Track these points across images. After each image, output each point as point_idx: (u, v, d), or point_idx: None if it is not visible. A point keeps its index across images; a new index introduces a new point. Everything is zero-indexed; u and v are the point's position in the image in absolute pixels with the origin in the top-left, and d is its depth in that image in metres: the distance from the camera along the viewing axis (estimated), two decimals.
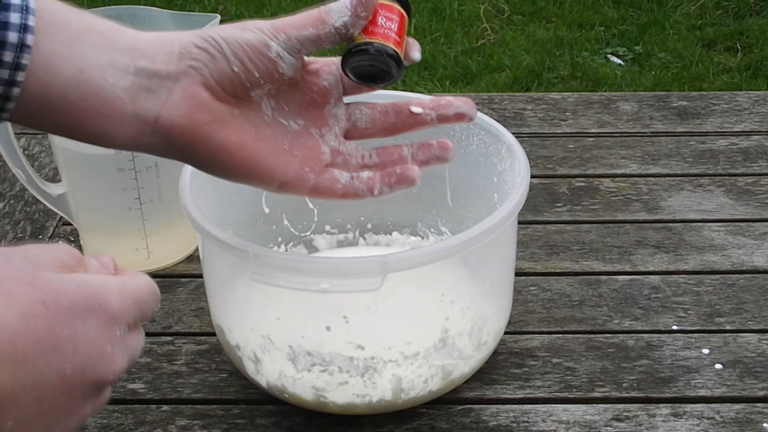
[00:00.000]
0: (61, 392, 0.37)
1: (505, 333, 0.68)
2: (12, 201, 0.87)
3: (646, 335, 0.72)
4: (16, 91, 0.47)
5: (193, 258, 0.80)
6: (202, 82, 0.50)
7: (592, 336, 0.72)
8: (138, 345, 0.42)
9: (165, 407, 0.66)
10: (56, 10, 0.48)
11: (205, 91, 0.50)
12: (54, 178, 0.89)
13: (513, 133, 0.67)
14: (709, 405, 0.65)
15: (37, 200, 0.81)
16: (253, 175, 0.53)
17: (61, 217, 0.83)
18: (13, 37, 0.46)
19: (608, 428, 0.64)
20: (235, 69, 0.50)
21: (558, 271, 0.78)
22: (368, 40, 0.52)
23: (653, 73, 2.39)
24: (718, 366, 0.68)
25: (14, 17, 0.46)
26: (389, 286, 0.55)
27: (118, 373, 0.40)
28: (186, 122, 0.50)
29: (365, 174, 0.56)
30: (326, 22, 0.51)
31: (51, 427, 0.38)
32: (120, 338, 0.40)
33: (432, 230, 0.76)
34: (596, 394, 0.67)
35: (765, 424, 0.64)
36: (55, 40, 0.47)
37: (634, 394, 0.66)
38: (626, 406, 0.66)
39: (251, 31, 0.50)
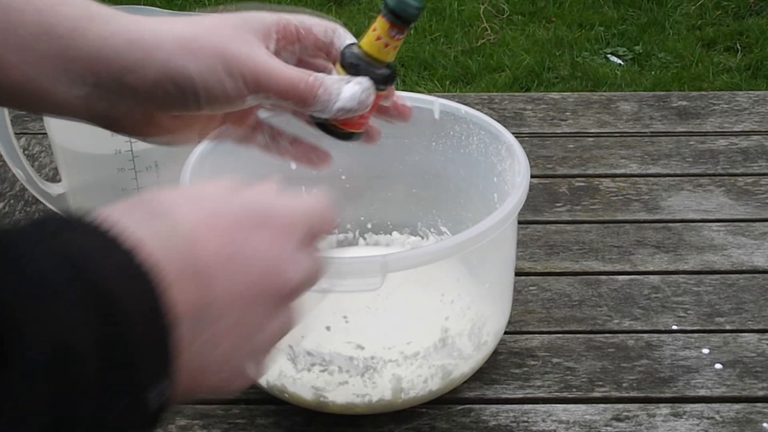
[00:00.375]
0: (244, 306, 0.38)
1: (505, 333, 0.68)
2: (12, 201, 0.87)
3: (646, 335, 0.72)
4: None
5: None
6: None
7: (592, 336, 0.72)
8: (314, 263, 0.41)
9: None
10: (12, 7, 0.44)
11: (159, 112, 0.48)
12: (54, 178, 0.89)
13: (513, 133, 0.67)
14: (709, 405, 0.65)
15: (37, 200, 0.81)
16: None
17: None
18: None
19: (608, 428, 0.64)
20: (201, 103, 0.47)
21: (558, 271, 0.78)
22: (350, 131, 0.52)
23: (653, 73, 2.39)
24: (718, 366, 0.69)
25: None
26: (389, 286, 0.55)
27: (295, 285, 0.40)
28: (136, 133, 0.49)
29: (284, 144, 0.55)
30: (315, 102, 0.48)
31: (241, 345, 0.38)
32: (291, 250, 0.40)
33: (432, 230, 0.76)
34: (596, 394, 0.67)
35: (765, 424, 0.64)
36: (5, 45, 0.44)
37: (633, 393, 0.66)
38: (626, 405, 0.66)
39: (233, 71, 0.47)
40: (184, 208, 0.37)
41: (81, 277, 0.31)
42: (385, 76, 0.50)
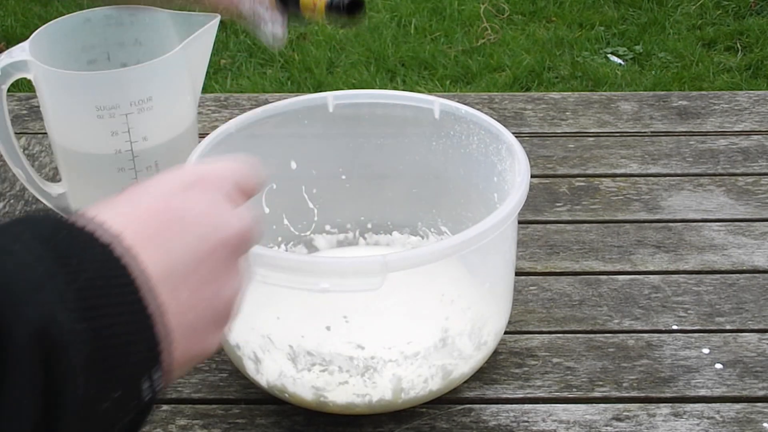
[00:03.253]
0: (202, 262, 0.39)
1: (505, 333, 0.68)
2: (12, 201, 0.87)
3: (646, 335, 0.72)
4: None
5: None
6: None
7: (592, 336, 0.72)
8: (247, 214, 0.43)
9: (165, 407, 0.66)
10: None
11: None
12: (54, 178, 0.89)
13: (513, 133, 0.67)
14: (709, 405, 0.65)
15: (37, 200, 0.81)
16: None
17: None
18: None
19: (608, 428, 0.64)
20: None
21: (558, 270, 0.78)
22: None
23: (653, 72, 2.39)
24: (718, 366, 0.68)
25: None
26: (389, 286, 0.55)
27: (239, 232, 0.41)
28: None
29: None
30: None
31: (211, 300, 0.39)
32: (223, 201, 0.41)
33: (432, 230, 0.76)
34: (596, 394, 0.67)
35: (765, 424, 0.64)
36: None
37: (634, 393, 0.66)
38: (626, 405, 0.66)
39: None
40: (135, 194, 0.40)
41: (64, 269, 0.33)
42: None
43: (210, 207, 0.40)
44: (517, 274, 0.70)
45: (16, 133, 0.75)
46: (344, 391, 0.61)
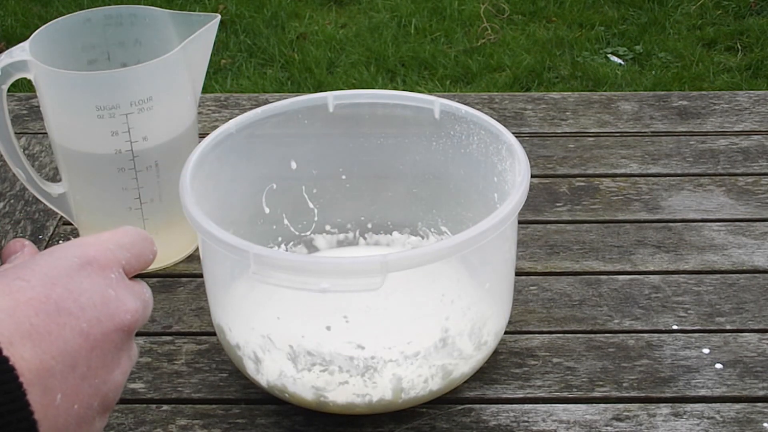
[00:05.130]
0: (91, 349, 0.37)
1: (506, 333, 0.68)
2: (12, 201, 0.87)
3: (646, 335, 0.72)
4: None
5: (193, 258, 0.80)
6: None
7: (592, 336, 0.72)
8: (143, 290, 0.41)
9: (165, 407, 0.66)
10: None
11: None
12: (54, 177, 0.89)
13: (513, 133, 0.67)
14: (710, 405, 0.65)
15: (38, 200, 0.81)
16: None
17: (61, 216, 0.83)
18: None
19: (608, 428, 0.64)
20: None
21: (558, 270, 0.78)
22: None
23: (653, 72, 2.39)
24: (719, 366, 0.68)
25: None
26: (389, 286, 0.55)
27: (134, 312, 0.39)
28: None
29: None
30: None
31: (99, 388, 0.37)
32: (117, 281, 0.39)
33: (432, 230, 0.76)
34: (596, 394, 0.67)
35: (765, 424, 0.64)
36: None
37: (634, 393, 0.66)
38: (626, 405, 0.66)
39: None
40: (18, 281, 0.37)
41: None
42: None
43: (103, 291, 0.38)
44: (517, 274, 0.70)
45: (16, 133, 0.75)
46: (344, 391, 0.61)
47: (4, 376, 0.33)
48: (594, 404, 0.66)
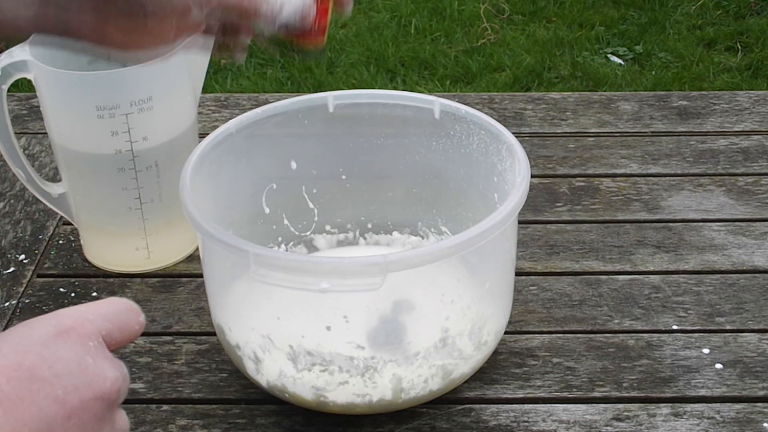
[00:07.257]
0: (68, 417, 0.36)
1: (506, 333, 0.68)
2: (12, 201, 0.87)
3: (646, 335, 0.72)
4: None
5: (193, 258, 0.80)
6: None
7: (592, 336, 0.72)
8: (121, 364, 0.40)
9: (165, 407, 0.66)
10: None
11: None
12: (54, 178, 0.89)
13: (513, 133, 0.67)
14: (710, 405, 0.65)
15: (38, 200, 0.81)
16: None
17: (61, 216, 0.83)
18: None
19: (608, 428, 0.64)
20: (147, 11, 0.50)
21: (558, 270, 0.78)
22: (308, 47, 0.54)
23: (653, 72, 2.39)
24: (719, 366, 0.68)
25: None
26: (389, 286, 0.55)
27: (113, 381, 0.38)
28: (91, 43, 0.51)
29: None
30: (258, 15, 0.51)
31: None
32: (96, 349, 0.38)
33: (432, 230, 0.76)
34: (596, 394, 0.67)
35: (765, 424, 0.64)
36: None
37: (634, 393, 0.66)
38: (626, 405, 0.66)
39: None
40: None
41: None
42: None
43: (80, 358, 0.37)
44: (517, 274, 0.70)
45: (16, 133, 0.75)
46: (344, 391, 0.61)
47: None
48: (594, 404, 0.66)
